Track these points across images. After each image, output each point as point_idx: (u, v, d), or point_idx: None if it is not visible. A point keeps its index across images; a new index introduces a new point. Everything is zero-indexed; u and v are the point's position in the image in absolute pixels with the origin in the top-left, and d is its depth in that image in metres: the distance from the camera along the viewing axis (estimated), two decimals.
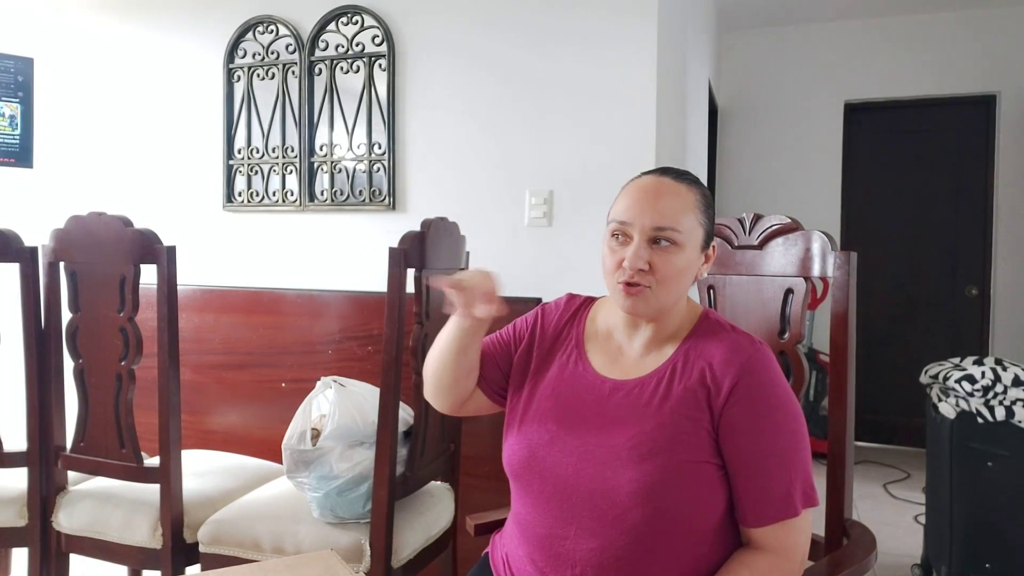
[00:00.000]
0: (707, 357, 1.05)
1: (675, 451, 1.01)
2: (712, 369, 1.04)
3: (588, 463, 1.05)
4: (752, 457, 1.01)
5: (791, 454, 1.02)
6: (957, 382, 2.23)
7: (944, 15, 4.26)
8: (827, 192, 4.48)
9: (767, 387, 1.02)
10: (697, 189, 1.09)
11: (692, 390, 1.04)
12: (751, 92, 4.64)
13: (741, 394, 1.01)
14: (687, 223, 1.05)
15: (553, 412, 1.11)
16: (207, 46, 2.73)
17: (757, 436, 1.01)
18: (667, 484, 1.00)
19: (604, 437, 1.05)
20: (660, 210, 1.04)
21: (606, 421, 1.07)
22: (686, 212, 1.05)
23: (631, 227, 1.05)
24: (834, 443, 1.34)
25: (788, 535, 1.01)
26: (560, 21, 2.30)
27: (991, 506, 2.22)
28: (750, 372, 1.02)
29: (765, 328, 1.40)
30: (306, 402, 1.72)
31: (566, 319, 1.21)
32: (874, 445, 4.36)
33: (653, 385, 1.07)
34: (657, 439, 1.02)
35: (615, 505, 1.01)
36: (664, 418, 1.03)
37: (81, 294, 1.77)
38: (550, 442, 1.09)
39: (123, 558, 1.78)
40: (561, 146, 2.30)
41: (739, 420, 1.01)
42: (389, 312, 1.60)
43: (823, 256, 1.35)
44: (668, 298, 1.07)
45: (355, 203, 2.52)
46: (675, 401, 1.04)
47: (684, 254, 1.05)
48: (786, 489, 1.00)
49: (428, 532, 1.77)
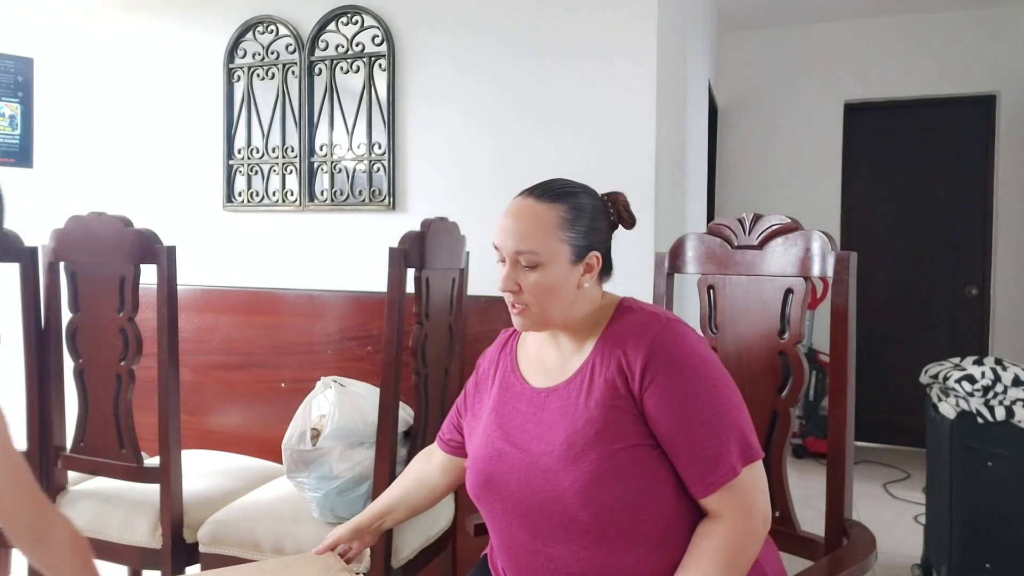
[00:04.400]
0: (621, 345, 1.08)
1: (607, 442, 1.03)
2: (626, 355, 1.06)
3: (535, 474, 1.08)
4: (678, 430, 1.02)
5: (715, 417, 1.03)
6: (957, 382, 2.23)
7: (944, 15, 4.26)
8: (827, 192, 4.48)
9: (677, 359, 1.04)
10: (562, 205, 1.11)
11: (611, 380, 1.06)
12: (751, 92, 4.64)
13: (653, 371, 1.03)
14: (547, 243, 1.09)
15: (498, 432, 1.15)
16: (207, 46, 2.73)
17: (678, 408, 1.02)
18: (606, 475, 1.01)
19: (544, 444, 1.09)
20: (518, 234, 1.10)
21: (544, 429, 1.10)
22: (544, 232, 1.09)
23: (502, 251, 1.12)
24: (834, 443, 1.34)
25: (737, 496, 1.02)
26: (560, 21, 2.29)
27: (991, 506, 2.22)
28: (658, 348, 1.04)
29: (765, 328, 1.40)
30: (306, 402, 1.72)
31: (499, 350, 1.28)
32: (874, 445, 4.36)
33: (578, 384, 1.10)
34: (588, 434, 1.04)
35: (566, 509, 1.04)
36: (591, 413, 1.06)
37: (81, 294, 1.77)
38: (499, 460, 1.13)
39: (123, 558, 1.78)
40: (561, 146, 2.30)
41: (657, 397, 1.03)
42: (389, 312, 1.60)
43: (823, 256, 1.35)
44: (549, 312, 1.11)
45: (355, 203, 2.52)
46: (598, 394, 1.07)
47: (550, 271, 1.09)
48: (718, 453, 1.02)
49: (428, 532, 1.77)
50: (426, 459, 1.40)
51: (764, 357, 1.39)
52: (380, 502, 1.36)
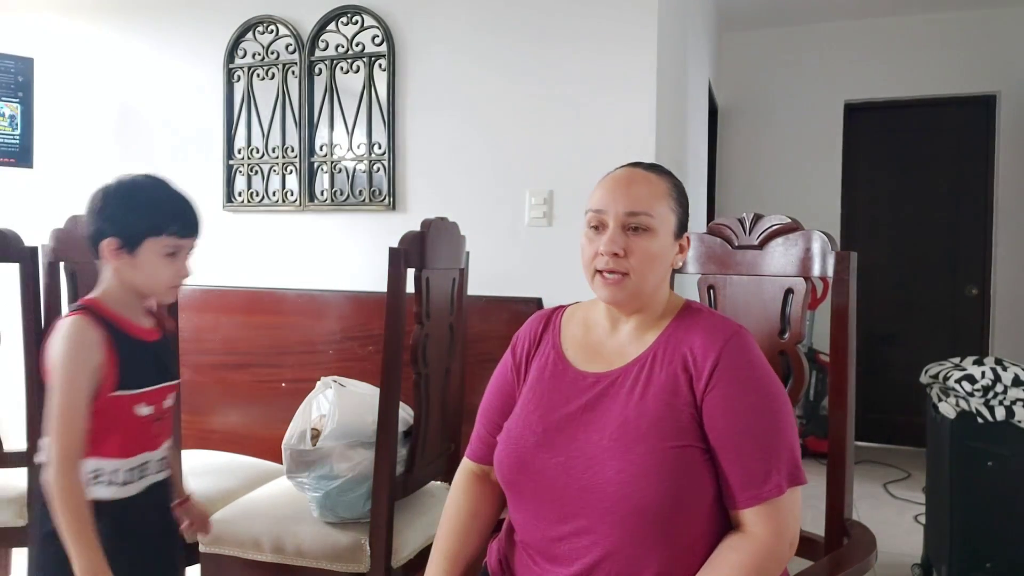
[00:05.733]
0: (688, 342, 1.06)
1: (659, 437, 1.01)
2: (693, 353, 1.04)
3: (576, 460, 1.04)
4: (734, 438, 1.01)
5: (773, 433, 1.02)
6: (957, 382, 2.23)
7: (944, 15, 4.26)
8: (827, 192, 4.48)
9: (747, 368, 1.03)
10: (668, 179, 1.12)
11: (674, 375, 1.04)
12: (751, 92, 4.64)
13: (721, 375, 1.02)
14: (659, 209, 1.08)
15: (537, 415, 1.11)
16: (207, 46, 2.73)
17: (738, 416, 1.01)
18: (653, 471, 0.99)
19: (589, 431, 1.06)
20: (632, 196, 1.08)
21: (590, 415, 1.07)
22: (658, 198, 1.08)
23: (605, 215, 1.08)
24: (834, 443, 1.34)
25: (774, 515, 1.00)
26: (560, 21, 2.30)
27: (991, 506, 2.22)
28: (730, 353, 1.03)
29: (765, 328, 1.40)
30: (306, 402, 1.72)
31: (540, 330, 1.21)
32: (874, 445, 4.36)
33: (635, 373, 1.07)
34: (640, 427, 1.02)
35: (605, 498, 1.01)
36: (646, 405, 1.03)
37: (81, 294, 1.77)
38: (536, 445, 1.09)
39: None
40: (561, 146, 2.30)
41: (720, 401, 1.01)
42: (389, 312, 1.60)
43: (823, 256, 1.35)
44: (645, 284, 1.08)
45: (355, 203, 2.52)
46: (657, 387, 1.04)
47: (658, 240, 1.08)
48: (768, 469, 1.00)
49: (428, 532, 1.76)
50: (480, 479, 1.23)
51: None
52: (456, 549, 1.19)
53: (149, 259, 1.26)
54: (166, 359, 1.39)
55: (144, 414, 1.29)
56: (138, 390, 1.27)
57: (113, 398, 1.24)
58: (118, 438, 1.27)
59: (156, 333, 1.36)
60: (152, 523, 1.35)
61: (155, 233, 1.25)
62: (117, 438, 1.26)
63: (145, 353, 1.31)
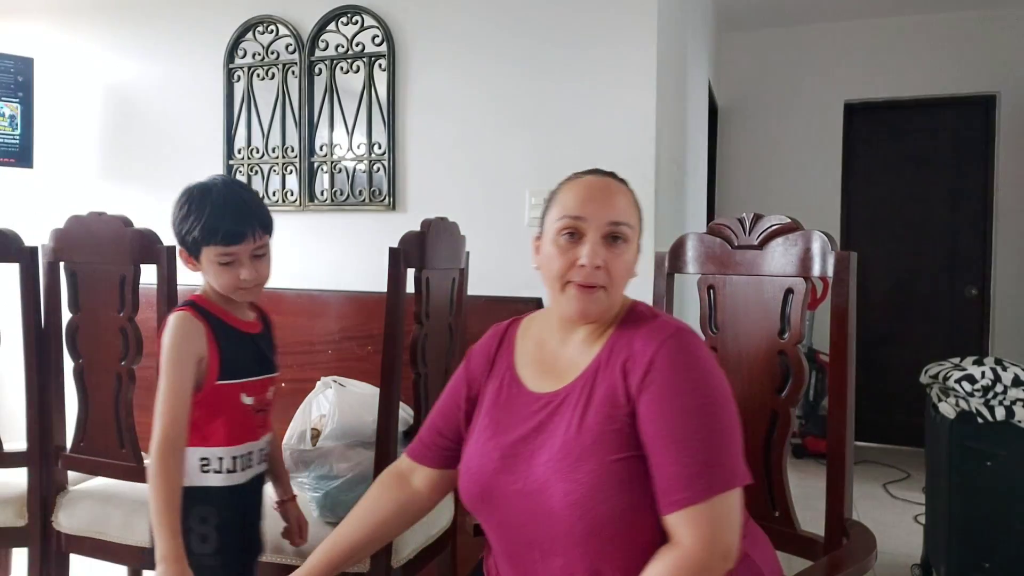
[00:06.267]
0: (629, 347, 1.02)
1: (602, 453, 0.97)
2: (632, 357, 1.01)
3: (531, 485, 1.02)
4: (661, 440, 0.96)
5: (704, 435, 0.95)
6: (957, 382, 2.23)
7: (944, 15, 4.26)
8: (827, 192, 4.49)
9: (683, 368, 0.98)
10: (630, 189, 1.11)
11: (613, 384, 1.01)
12: (751, 92, 4.64)
13: (654, 376, 0.98)
14: (634, 220, 1.07)
15: (494, 442, 1.09)
16: (207, 46, 2.73)
17: (666, 418, 0.96)
18: (600, 488, 0.96)
19: (539, 455, 1.03)
20: (617, 205, 1.05)
21: (541, 437, 1.04)
22: (632, 208, 1.07)
23: (586, 223, 1.03)
24: (834, 443, 1.34)
25: (701, 523, 0.93)
26: (560, 21, 2.30)
27: (991, 506, 2.22)
28: (665, 354, 0.98)
29: (765, 328, 1.40)
30: (306, 402, 1.72)
31: (494, 350, 1.19)
32: (874, 445, 4.36)
33: (579, 389, 1.04)
34: (583, 444, 0.99)
35: (561, 522, 0.98)
36: (588, 421, 1.00)
37: (81, 294, 1.77)
38: (495, 472, 1.06)
39: (123, 558, 1.78)
40: (561, 146, 2.30)
41: (650, 403, 0.97)
42: (389, 312, 1.60)
43: (823, 256, 1.34)
44: (617, 298, 1.06)
45: (355, 203, 2.53)
46: (598, 401, 1.01)
47: (631, 250, 1.06)
48: (695, 473, 0.93)
49: (428, 532, 1.76)
50: (400, 480, 1.25)
51: (764, 357, 1.39)
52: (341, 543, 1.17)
53: (209, 266, 1.32)
54: (268, 351, 1.44)
55: (248, 403, 1.35)
56: (241, 379, 1.34)
57: (218, 387, 1.32)
58: (224, 426, 1.33)
59: (258, 326, 1.44)
60: (256, 514, 1.44)
61: (205, 243, 1.31)
62: (223, 426, 1.33)
63: (247, 345, 1.38)
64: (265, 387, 1.40)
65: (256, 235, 1.33)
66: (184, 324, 1.31)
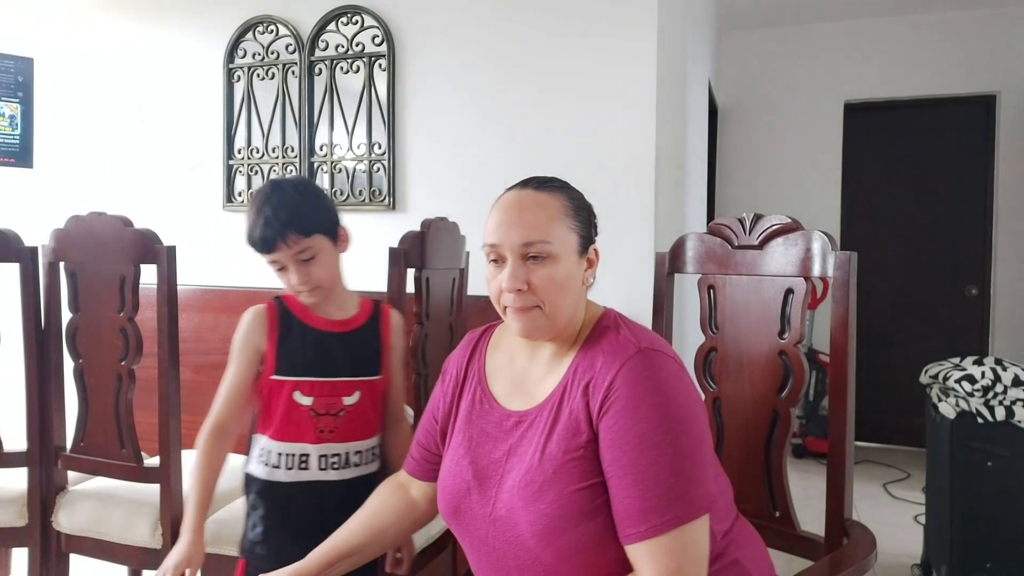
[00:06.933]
0: (592, 367, 0.98)
1: (564, 482, 0.95)
2: (593, 379, 0.97)
3: (499, 511, 1.00)
4: (619, 468, 0.92)
5: (665, 464, 0.91)
6: (957, 382, 2.23)
7: (944, 15, 4.26)
8: (827, 192, 4.49)
9: (638, 394, 0.93)
10: (563, 194, 1.04)
11: (576, 409, 0.97)
12: (751, 92, 4.64)
13: (614, 400, 0.94)
14: (557, 232, 1.00)
15: (468, 460, 1.07)
16: (207, 46, 2.73)
17: (625, 445, 0.92)
18: (565, 518, 0.94)
19: (507, 480, 1.01)
20: (526, 225, 0.99)
21: (512, 461, 1.02)
22: (553, 221, 1.00)
23: (501, 248, 1.01)
24: (834, 443, 1.34)
25: (660, 555, 0.90)
26: (560, 22, 2.30)
27: (991, 506, 2.22)
28: (626, 376, 0.94)
29: (765, 328, 1.40)
30: None
31: (466, 361, 1.17)
32: (874, 445, 4.36)
33: (546, 412, 1.01)
34: (546, 473, 0.96)
35: (528, 551, 0.96)
36: (552, 448, 0.97)
37: (81, 294, 1.77)
38: (468, 491, 1.05)
39: (123, 558, 1.78)
40: (561, 146, 2.30)
41: (609, 429, 0.94)
42: None
43: (823, 256, 1.34)
44: (559, 313, 1.01)
45: (355, 203, 2.52)
46: (562, 426, 0.98)
47: (561, 264, 1.00)
48: (652, 505, 0.90)
49: (428, 532, 1.76)
50: (400, 489, 1.25)
51: (764, 357, 1.39)
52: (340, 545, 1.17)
53: (273, 269, 1.35)
54: (355, 353, 1.38)
55: (304, 403, 1.33)
56: (295, 377, 1.34)
57: (272, 381, 1.35)
58: (274, 421, 1.35)
59: (351, 325, 1.41)
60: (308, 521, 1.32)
61: (256, 251, 1.33)
62: (274, 420, 1.35)
63: (317, 344, 1.35)
64: (329, 390, 1.34)
65: (290, 241, 1.29)
66: (250, 317, 1.37)
